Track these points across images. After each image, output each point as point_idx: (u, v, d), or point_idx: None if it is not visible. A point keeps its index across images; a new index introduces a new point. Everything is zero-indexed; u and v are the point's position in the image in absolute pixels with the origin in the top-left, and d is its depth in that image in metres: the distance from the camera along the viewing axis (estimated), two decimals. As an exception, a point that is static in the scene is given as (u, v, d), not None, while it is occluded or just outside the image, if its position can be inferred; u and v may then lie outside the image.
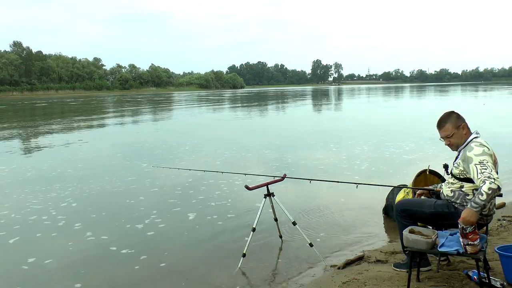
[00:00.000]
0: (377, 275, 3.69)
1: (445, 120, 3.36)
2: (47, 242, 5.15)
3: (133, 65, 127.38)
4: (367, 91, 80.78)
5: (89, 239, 5.11)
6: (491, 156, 3.15)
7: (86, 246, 4.91)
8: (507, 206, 5.75)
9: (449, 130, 3.31)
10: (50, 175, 8.80)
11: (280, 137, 14.16)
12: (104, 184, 7.87)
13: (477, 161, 3.06)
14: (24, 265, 4.47)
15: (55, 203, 6.67)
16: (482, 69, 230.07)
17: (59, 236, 5.30)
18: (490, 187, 2.88)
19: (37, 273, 4.31)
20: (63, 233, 5.40)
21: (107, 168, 9.39)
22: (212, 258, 4.47)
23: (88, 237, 5.19)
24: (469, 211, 2.90)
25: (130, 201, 6.74)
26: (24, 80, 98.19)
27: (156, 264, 4.37)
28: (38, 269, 4.37)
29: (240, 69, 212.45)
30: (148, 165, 9.46)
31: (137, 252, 4.69)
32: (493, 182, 2.89)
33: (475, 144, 3.18)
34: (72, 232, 5.38)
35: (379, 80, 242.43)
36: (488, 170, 2.98)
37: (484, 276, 3.14)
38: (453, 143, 3.33)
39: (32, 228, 5.63)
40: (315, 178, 5.19)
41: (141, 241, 5.04)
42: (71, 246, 4.92)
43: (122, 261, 4.51)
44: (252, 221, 4.28)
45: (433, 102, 37.22)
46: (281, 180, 4.51)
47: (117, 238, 5.15)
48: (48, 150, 12.66)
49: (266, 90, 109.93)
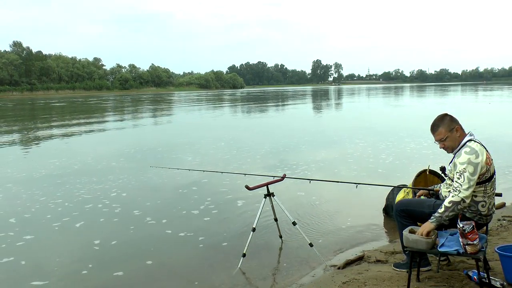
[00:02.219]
0: (377, 275, 3.69)
1: (438, 124, 3.34)
2: (111, 226, 5.61)
3: (133, 65, 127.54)
4: (370, 91, 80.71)
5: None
6: (477, 164, 3.09)
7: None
8: (507, 206, 5.75)
9: (443, 134, 3.30)
10: (96, 168, 9.49)
11: (280, 137, 14.16)
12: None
13: (458, 170, 3.12)
14: (95, 246, 4.90)
15: (104, 193, 7.18)
16: (482, 69, 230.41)
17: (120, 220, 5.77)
18: (452, 200, 3.08)
19: (105, 251, 4.73)
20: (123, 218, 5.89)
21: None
22: (212, 258, 4.47)
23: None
24: (426, 224, 3.13)
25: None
26: (24, 80, 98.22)
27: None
28: (107, 248, 4.79)
29: (240, 69, 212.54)
30: (147, 165, 9.45)
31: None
32: (456, 195, 3.06)
33: (465, 151, 3.16)
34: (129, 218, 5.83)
35: (379, 80, 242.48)
36: (460, 181, 3.08)
37: (484, 276, 3.14)
38: (448, 146, 3.33)
39: (91, 214, 6.08)
40: (315, 178, 5.19)
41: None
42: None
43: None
44: (252, 221, 4.28)
45: (442, 101, 37.23)
46: (281, 180, 4.51)
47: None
48: (90, 145, 13.87)
49: (266, 90, 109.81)
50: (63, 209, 6.36)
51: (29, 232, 5.39)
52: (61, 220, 5.87)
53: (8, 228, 5.56)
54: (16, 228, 5.56)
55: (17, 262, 4.51)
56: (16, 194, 7.35)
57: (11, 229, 5.54)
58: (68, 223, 5.73)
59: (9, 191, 7.60)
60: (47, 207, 6.48)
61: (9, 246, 4.97)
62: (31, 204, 6.64)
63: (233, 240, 4.94)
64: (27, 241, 5.14)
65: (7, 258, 4.61)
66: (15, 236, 5.26)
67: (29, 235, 5.31)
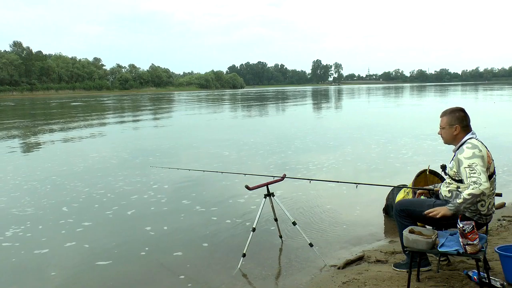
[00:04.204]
0: (377, 275, 3.69)
1: (446, 112, 3.44)
2: (162, 214, 6.01)
3: (133, 65, 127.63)
4: (373, 91, 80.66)
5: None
6: (483, 157, 3.16)
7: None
8: (507, 206, 5.75)
9: (443, 123, 3.43)
10: (130, 163, 10.08)
11: (280, 137, 14.15)
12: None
13: (466, 164, 3.14)
14: (150, 231, 5.32)
15: (145, 186, 7.63)
16: (482, 69, 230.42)
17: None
18: (471, 192, 3.05)
19: (159, 236, 5.07)
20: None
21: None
22: (212, 258, 4.46)
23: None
24: (445, 208, 3.18)
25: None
26: (24, 80, 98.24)
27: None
28: (161, 233, 5.16)
29: (240, 69, 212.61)
30: (147, 165, 9.45)
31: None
32: (476, 188, 3.04)
33: (467, 146, 3.22)
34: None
35: (379, 80, 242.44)
36: (476, 174, 3.08)
37: (484, 276, 3.14)
38: (442, 136, 3.46)
39: (139, 203, 6.54)
40: (315, 178, 5.19)
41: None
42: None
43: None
44: (252, 221, 4.28)
45: (448, 100, 37.21)
46: (281, 180, 4.51)
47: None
48: (126, 140, 15.01)
49: (267, 90, 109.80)
50: (108, 200, 6.80)
51: (86, 220, 5.84)
52: (111, 208, 6.32)
53: (64, 216, 6.01)
54: (73, 216, 6.00)
55: (80, 246, 4.93)
56: (61, 185, 7.85)
57: (68, 216, 5.99)
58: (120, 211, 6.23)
59: (55, 182, 8.11)
60: (92, 198, 6.95)
61: (69, 232, 5.41)
62: (77, 195, 7.13)
63: (233, 240, 4.93)
64: (86, 227, 5.58)
65: (70, 242, 5.03)
66: (74, 223, 5.71)
67: (86, 222, 5.76)
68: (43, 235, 5.30)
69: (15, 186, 7.87)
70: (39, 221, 5.83)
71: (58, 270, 4.31)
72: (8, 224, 5.72)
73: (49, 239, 5.17)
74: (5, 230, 5.47)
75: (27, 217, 5.98)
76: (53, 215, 6.09)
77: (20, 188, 7.74)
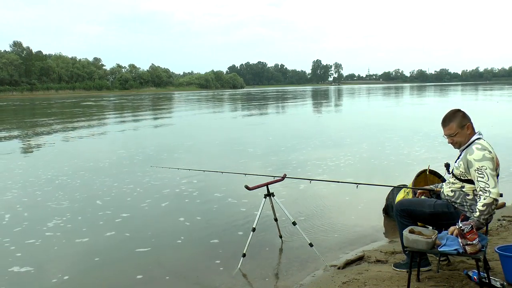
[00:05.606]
0: (377, 275, 3.69)
1: (450, 118, 3.31)
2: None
3: (133, 65, 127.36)
4: (373, 91, 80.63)
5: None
6: (492, 159, 3.13)
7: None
8: (507, 206, 5.74)
9: (453, 129, 3.28)
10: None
11: (280, 137, 14.15)
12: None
13: (476, 167, 3.09)
14: (186, 222, 5.65)
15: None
16: (482, 69, 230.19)
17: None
18: (485, 203, 3.00)
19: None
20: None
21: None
22: (212, 258, 4.47)
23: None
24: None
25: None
26: (24, 80, 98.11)
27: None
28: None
29: (240, 69, 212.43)
30: (147, 165, 9.45)
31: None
32: (487, 197, 2.99)
33: (476, 147, 3.15)
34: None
35: (379, 80, 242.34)
36: (484, 179, 3.04)
37: (484, 276, 3.14)
38: (456, 141, 3.32)
39: (174, 198, 6.79)
40: (315, 178, 5.19)
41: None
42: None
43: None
44: (252, 221, 4.28)
45: (448, 100, 37.21)
46: (281, 180, 4.51)
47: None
48: (148, 137, 15.80)
49: (267, 90, 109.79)
50: (138, 194, 7.06)
51: (124, 211, 6.14)
52: (145, 201, 6.57)
53: (101, 209, 6.29)
54: (111, 208, 6.30)
55: (121, 234, 5.26)
56: (90, 180, 8.16)
57: (105, 209, 6.28)
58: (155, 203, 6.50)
59: (83, 177, 8.42)
60: (123, 192, 7.23)
61: (108, 222, 5.70)
62: (108, 189, 7.41)
63: (233, 240, 4.94)
64: (124, 218, 5.89)
65: (110, 232, 5.34)
66: (112, 215, 6.02)
67: (124, 213, 6.06)
68: (83, 226, 5.58)
69: (47, 181, 8.16)
70: (77, 213, 6.10)
71: (101, 256, 4.61)
72: (48, 216, 5.97)
73: (89, 229, 5.45)
74: (47, 222, 5.72)
75: (65, 210, 6.26)
76: (89, 207, 6.37)
77: (52, 182, 8.05)
